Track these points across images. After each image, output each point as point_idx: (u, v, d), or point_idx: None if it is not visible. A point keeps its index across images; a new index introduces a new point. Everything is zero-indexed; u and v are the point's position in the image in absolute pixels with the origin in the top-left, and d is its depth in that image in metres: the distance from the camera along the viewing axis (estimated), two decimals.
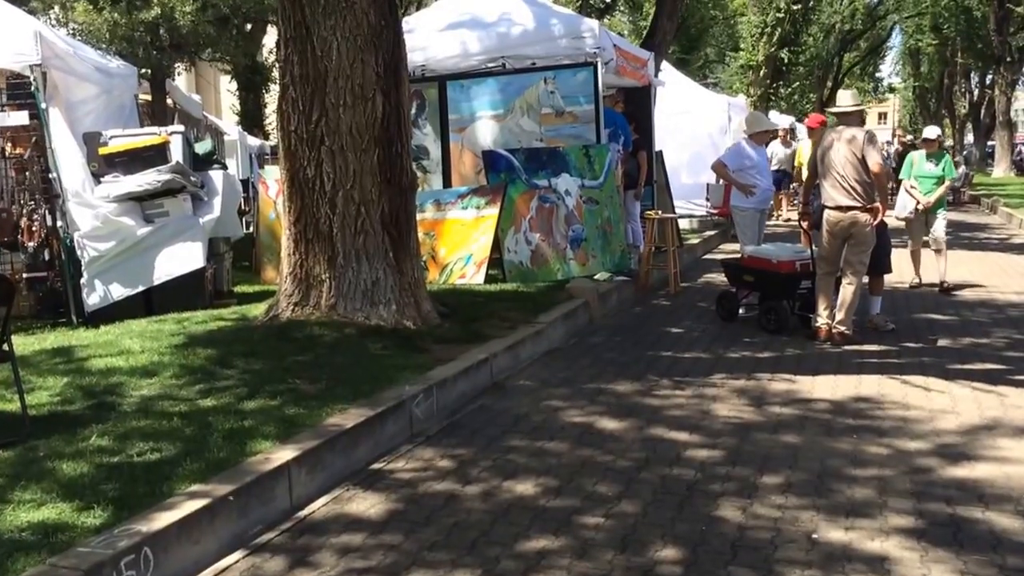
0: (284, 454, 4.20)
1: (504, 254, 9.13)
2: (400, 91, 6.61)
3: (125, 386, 5.39)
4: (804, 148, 15.12)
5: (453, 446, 5.00)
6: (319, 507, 4.16)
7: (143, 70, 10.75)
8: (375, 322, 6.60)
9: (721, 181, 11.49)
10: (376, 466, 4.70)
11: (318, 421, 4.71)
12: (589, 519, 3.99)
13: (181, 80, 26.32)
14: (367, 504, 4.18)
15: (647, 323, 8.44)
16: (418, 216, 9.37)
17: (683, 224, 17.38)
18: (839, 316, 7.36)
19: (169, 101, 12.74)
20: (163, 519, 3.41)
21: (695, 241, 14.32)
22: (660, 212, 10.39)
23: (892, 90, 57.51)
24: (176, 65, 17.08)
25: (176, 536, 3.39)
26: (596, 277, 9.51)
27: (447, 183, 10.46)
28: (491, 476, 4.53)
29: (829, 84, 41.12)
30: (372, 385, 5.38)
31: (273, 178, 10.84)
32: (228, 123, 19.87)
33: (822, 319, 7.47)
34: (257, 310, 7.42)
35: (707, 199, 17.00)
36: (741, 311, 8.48)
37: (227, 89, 24.32)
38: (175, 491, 3.71)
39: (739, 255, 8.88)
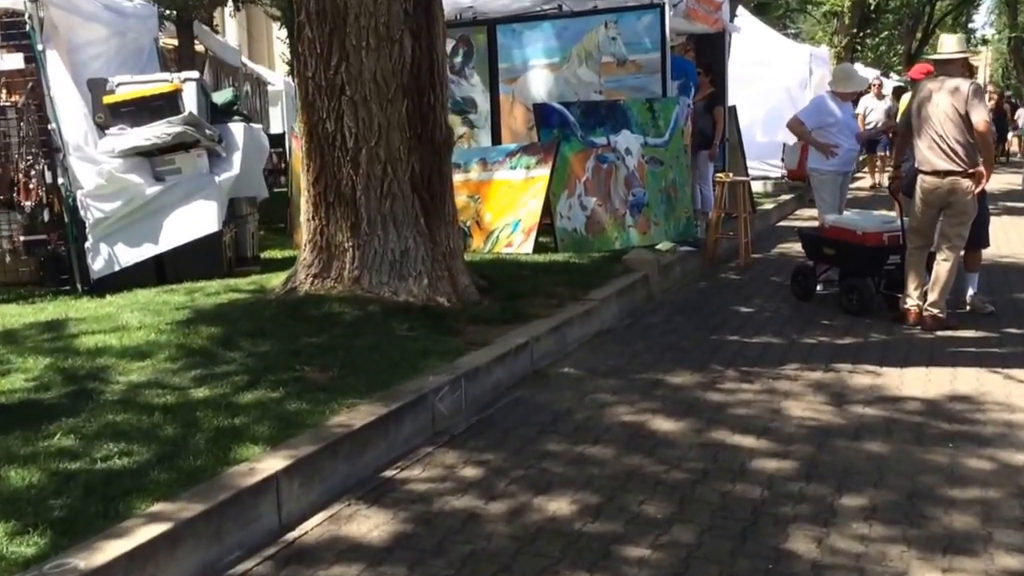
0: (273, 463, 3.69)
1: (556, 220, 8.52)
2: (433, 32, 6.01)
3: (112, 370, 4.94)
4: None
5: (480, 449, 4.45)
6: (312, 527, 3.65)
7: (167, 11, 10.27)
8: (403, 298, 6.07)
9: (798, 141, 10.70)
10: (388, 473, 4.18)
11: (321, 420, 4.20)
12: (632, 550, 3.43)
13: (231, 27, 25.97)
14: (370, 525, 3.66)
15: (712, 300, 7.78)
16: (462, 176, 8.86)
17: (756, 187, 16.58)
18: (932, 297, 6.64)
19: (200, 47, 12.28)
20: (110, 549, 2.92)
21: (769, 206, 13.54)
22: (731, 174, 9.65)
23: (985, 42, 54.98)
24: (221, 9, 16.66)
25: (124, 572, 2.90)
26: (658, 247, 8.87)
27: (496, 139, 9.86)
28: (520, 490, 3.97)
29: (918, 35, 39.32)
30: (391, 374, 4.85)
31: None
32: (279, 74, 19.41)
33: (912, 300, 6.75)
34: (278, 280, 6.94)
35: (782, 160, 16.12)
36: (819, 288, 7.77)
37: (277, 37, 23.90)
38: (133, 511, 3.22)
39: (818, 224, 8.15)
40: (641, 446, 4.47)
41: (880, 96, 17.50)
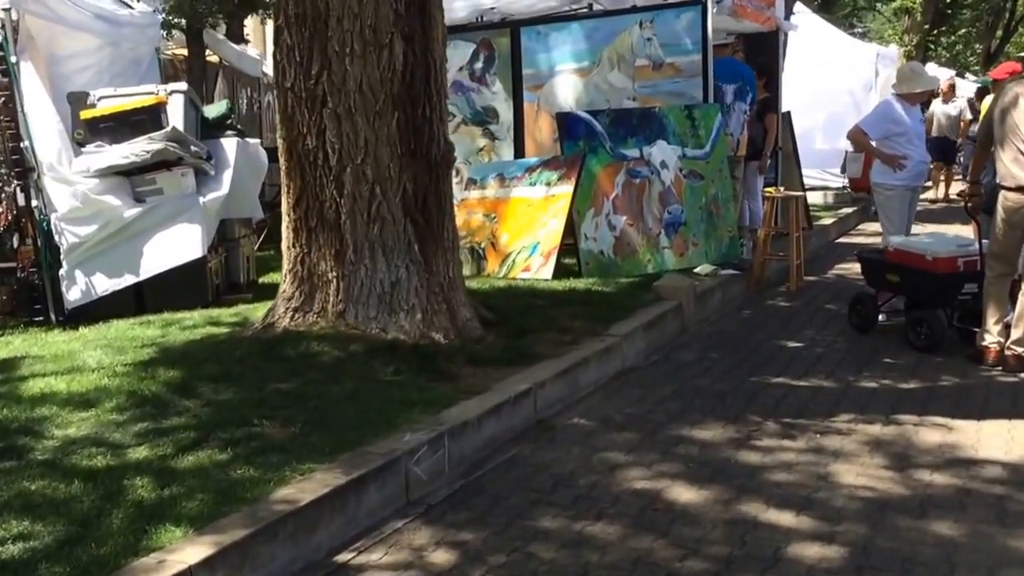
0: (191, 553, 3.15)
1: (580, 241, 7.93)
2: (429, 35, 5.48)
3: (51, 422, 4.46)
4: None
5: (459, 525, 3.87)
6: None
7: (175, 19, 9.92)
8: (393, 335, 5.52)
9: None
10: (342, 557, 3.61)
11: (265, 492, 3.65)
12: None
13: (257, 36, 25.80)
14: None
15: (756, 333, 7.11)
16: (478, 193, 8.32)
17: (815, 198, 15.84)
18: (1015, 333, 5.92)
19: (213, 57, 11.91)
20: None
21: (828, 221, 12.77)
22: (783, 189, 8.96)
23: None
24: (253, 17, 16.29)
25: None
26: (697, 270, 8.23)
27: (519, 152, 9.30)
28: None
29: (999, 33, 37.94)
30: (362, 431, 4.29)
31: None
32: None
33: (991, 336, 6.03)
34: (264, 311, 6.45)
35: (843, 169, 15.33)
36: (881, 318, 7.07)
37: None
38: None
39: (881, 245, 7.45)
40: (654, 523, 3.85)
41: (949, 99, 16.61)
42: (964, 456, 4.55)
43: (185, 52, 11.20)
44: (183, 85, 7.51)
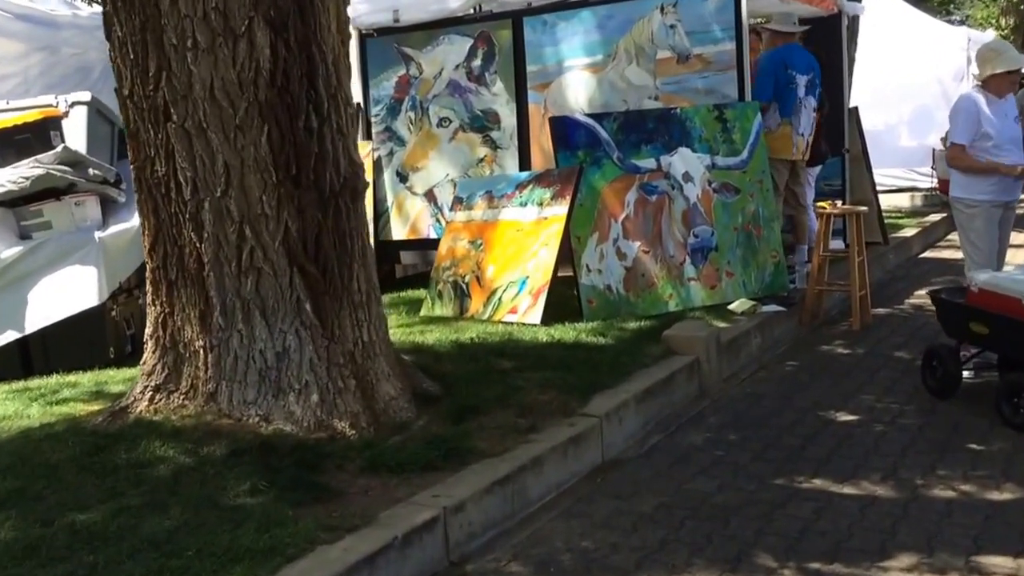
0: None
1: (580, 274, 6.28)
2: (313, 21, 3.91)
3: None
4: None
5: None
6: None
7: None
8: (277, 425, 4.00)
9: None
10: None
11: None
12: None
13: None
14: None
15: (798, 398, 5.38)
16: (465, 216, 6.78)
17: (900, 201, 13.92)
18: None
19: None
20: None
21: (910, 232, 10.79)
22: (839, 203, 7.16)
23: None
24: None
25: None
26: (732, 307, 6.52)
27: (524, 163, 7.68)
28: None
29: None
30: None
31: None
32: None
33: None
34: None
35: (932, 168, 13.33)
36: (966, 374, 5.28)
37: None
38: None
39: (964, 283, 5.65)
40: None
41: None
42: None
43: None
44: (87, 95, 6.12)
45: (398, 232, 8.37)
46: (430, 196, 8.13)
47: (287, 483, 3.60)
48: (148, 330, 4.28)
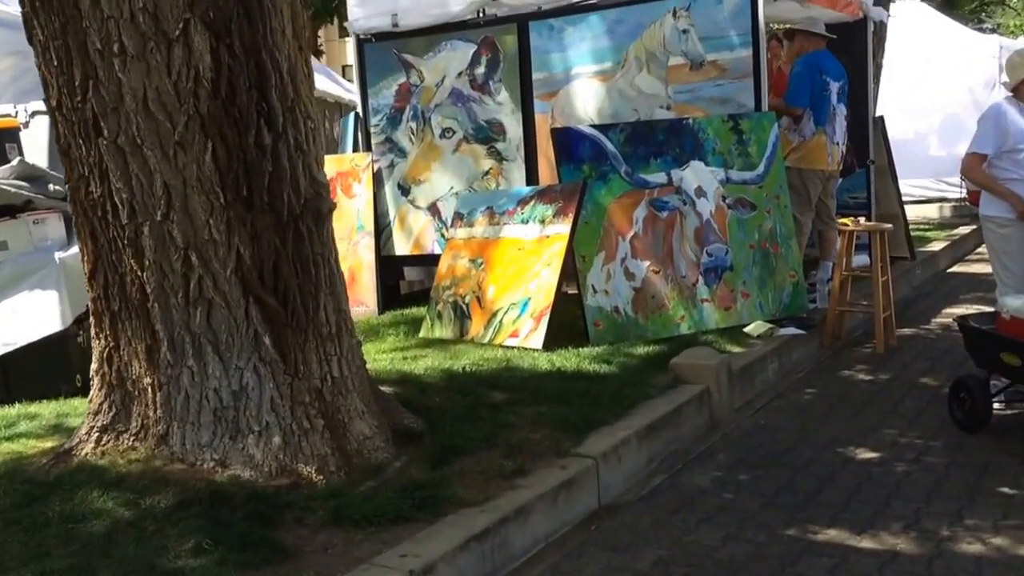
0: None
1: (586, 297, 5.88)
2: (262, 24, 3.52)
3: None
4: None
5: None
6: None
7: None
8: (234, 471, 3.63)
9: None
10: None
11: None
12: None
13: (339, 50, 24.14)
14: None
15: (816, 431, 4.94)
16: (465, 232, 6.41)
17: (929, 212, 13.43)
18: None
19: None
20: None
21: (938, 246, 10.29)
22: (860, 219, 6.70)
23: None
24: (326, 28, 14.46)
25: None
26: (748, 330, 6.10)
27: (531, 176, 7.29)
28: None
29: None
30: None
31: None
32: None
33: None
34: None
35: (962, 179, 12.79)
36: (996, 406, 4.83)
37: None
38: None
39: (994, 309, 5.20)
40: None
41: None
42: None
43: None
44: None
45: (401, 247, 7.99)
46: (433, 210, 7.75)
47: (236, 541, 3.22)
48: (93, 365, 3.93)
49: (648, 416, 4.60)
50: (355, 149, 8.33)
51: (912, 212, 12.58)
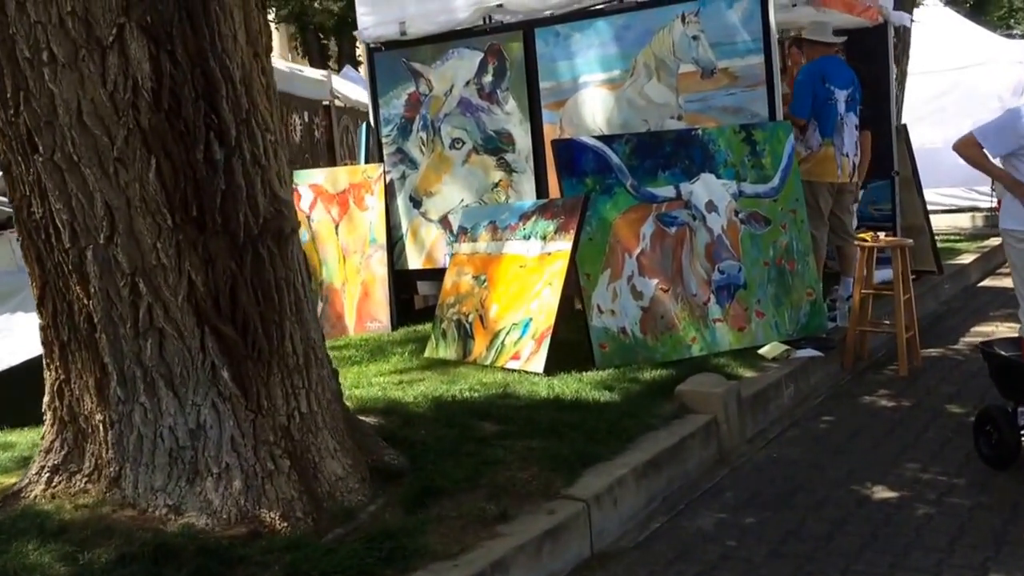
0: None
1: (591, 316, 5.49)
2: (206, 28, 3.15)
3: None
4: None
5: None
6: None
7: None
8: (189, 520, 3.29)
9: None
10: None
11: None
12: None
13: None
14: None
15: (832, 465, 4.51)
16: (469, 248, 6.06)
17: (960, 222, 12.90)
18: None
19: None
20: None
21: (968, 259, 9.76)
22: (880, 235, 6.25)
23: None
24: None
25: None
26: (763, 351, 5.69)
27: (541, 188, 6.92)
28: None
29: None
30: None
31: (307, 183, 7.81)
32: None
33: None
34: None
35: (992, 188, 12.26)
36: None
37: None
38: None
39: (1019, 335, 4.76)
40: None
41: None
42: None
43: None
44: None
45: (414, 261, 7.65)
46: (445, 223, 7.40)
47: None
48: (45, 399, 3.60)
49: (649, 451, 4.20)
50: (368, 160, 8.04)
51: (943, 222, 12.09)
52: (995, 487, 4.14)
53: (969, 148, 4.91)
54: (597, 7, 6.62)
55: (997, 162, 4.98)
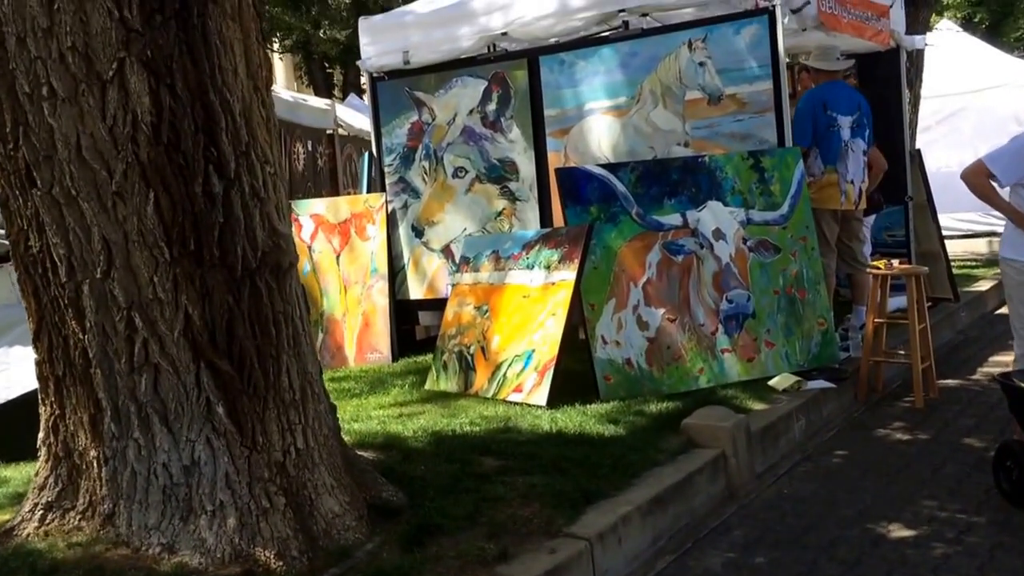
0: None
1: (595, 347, 5.44)
2: (207, 63, 3.14)
3: None
4: None
5: None
6: None
7: None
8: (182, 558, 3.24)
9: None
10: None
11: None
12: None
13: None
14: None
15: (844, 503, 4.42)
16: (471, 277, 6.02)
17: (979, 247, 12.77)
18: None
19: None
20: None
21: (986, 286, 9.68)
22: (893, 262, 6.19)
23: None
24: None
25: None
26: (773, 383, 5.61)
27: (545, 217, 6.90)
28: None
29: None
30: None
31: (308, 213, 7.81)
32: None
33: None
34: None
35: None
36: None
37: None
38: None
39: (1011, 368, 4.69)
40: None
41: None
42: None
43: None
44: None
45: (415, 291, 7.63)
46: (447, 252, 7.38)
47: None
48: (40, 435, 3.57)
49: (654, 487, 4.13)
50: (370, 189, 8.04)
51: (960, 247, 11.99)
52: (1016, 525, 4.03)
53: (978, 177, 4.81)
54: (602, 35, 6.62)
55: (1005, 192, 4.90)
